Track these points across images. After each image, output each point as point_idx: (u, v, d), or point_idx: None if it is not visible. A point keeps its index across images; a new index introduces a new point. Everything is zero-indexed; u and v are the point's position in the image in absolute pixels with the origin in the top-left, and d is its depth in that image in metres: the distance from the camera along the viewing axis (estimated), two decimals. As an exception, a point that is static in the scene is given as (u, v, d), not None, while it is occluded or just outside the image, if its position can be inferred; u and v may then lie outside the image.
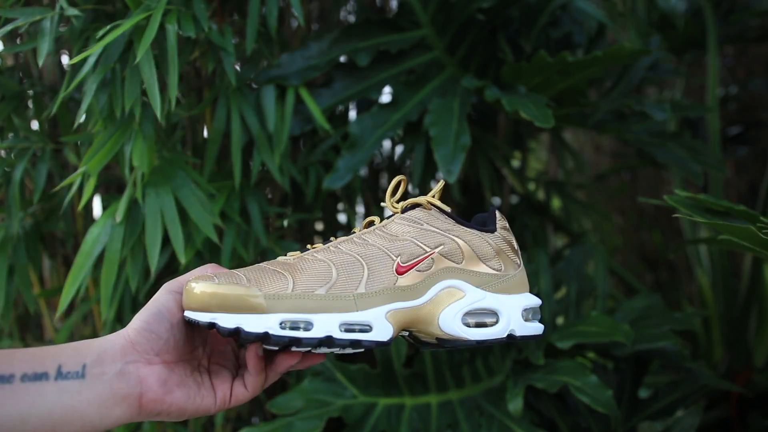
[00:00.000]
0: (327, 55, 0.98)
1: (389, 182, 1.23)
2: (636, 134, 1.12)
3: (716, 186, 1.24)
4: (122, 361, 0.48)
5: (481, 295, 0.56)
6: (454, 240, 0.56)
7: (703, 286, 1.27)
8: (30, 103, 0.93)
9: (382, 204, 0.58)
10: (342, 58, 1.02)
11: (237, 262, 0.89)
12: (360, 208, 1.16)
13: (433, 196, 0.57)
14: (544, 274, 1.02)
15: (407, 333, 0.56)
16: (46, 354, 0.47)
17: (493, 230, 0.58)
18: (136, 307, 0.90)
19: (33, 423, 0.45)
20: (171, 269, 0.92)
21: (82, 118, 0.80)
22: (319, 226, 1.15)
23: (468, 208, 1.25)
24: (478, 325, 0.55)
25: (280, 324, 0.49)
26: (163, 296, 0.51)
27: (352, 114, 1.12)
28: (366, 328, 0.52)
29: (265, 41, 0.94)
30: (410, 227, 0.56)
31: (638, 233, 1.69)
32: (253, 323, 0.48)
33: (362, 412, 0.88)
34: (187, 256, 0.82)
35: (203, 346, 0.54)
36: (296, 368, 0.54)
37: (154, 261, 0.79)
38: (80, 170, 0.79)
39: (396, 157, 1.20)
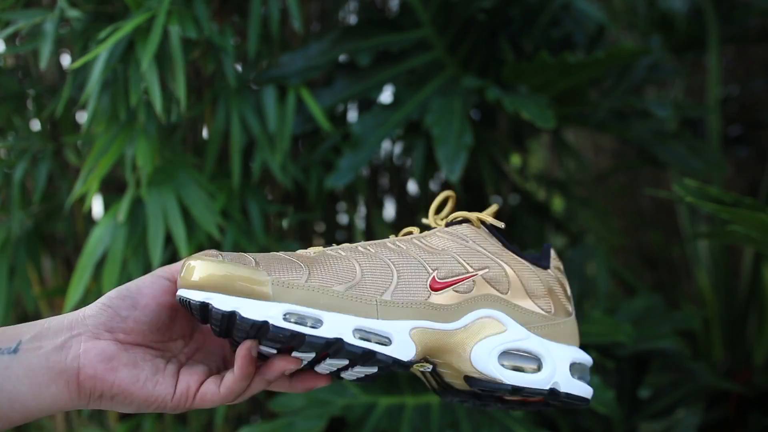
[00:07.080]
0: (328, 55, 0.97)
1: (389, 180, 1.24)
2: (637, 133, 1.12)
3: (717, 185, 1.24)
4: (67, 334, 0.42)
5: (524, 334, 0.48)
6: (501, 266, 0.49)
7: (703, 286, 1.27)
8: (30, 104, 0.93)
9: (424, 220, 0.52)
10: (343, 58, 1.02)
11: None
12: (362, 209, 1.16)
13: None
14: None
15: (430, 368, 0.49)
16: None
17: (546, 266, 0.52)
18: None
19: None
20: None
21: (88, 121, 0.80)
22: (320, 227, 1.15)
23: (469, 206, 1.24)
24: (516, 369, 0.47)
25: (284, 315, 0.41)
26: (144, 278, 0.45)
27: (352, 114, 1.12)
28: (384, 341, 0.44)
29: (266, 41, 0.94)
30: (454, 242, 0.49)
31: (638, 233, 1.69)
32: (252, 309, 0.41)
33: (363, 411, 0.88)
34: (189, 252, 0.82)
35: (186, 339, 0.47)
36: (289, 389, 0.47)
37: (157, 259, 0.79)
38: (89, 177, 0.80)
39: (395, 156, 1.20)
